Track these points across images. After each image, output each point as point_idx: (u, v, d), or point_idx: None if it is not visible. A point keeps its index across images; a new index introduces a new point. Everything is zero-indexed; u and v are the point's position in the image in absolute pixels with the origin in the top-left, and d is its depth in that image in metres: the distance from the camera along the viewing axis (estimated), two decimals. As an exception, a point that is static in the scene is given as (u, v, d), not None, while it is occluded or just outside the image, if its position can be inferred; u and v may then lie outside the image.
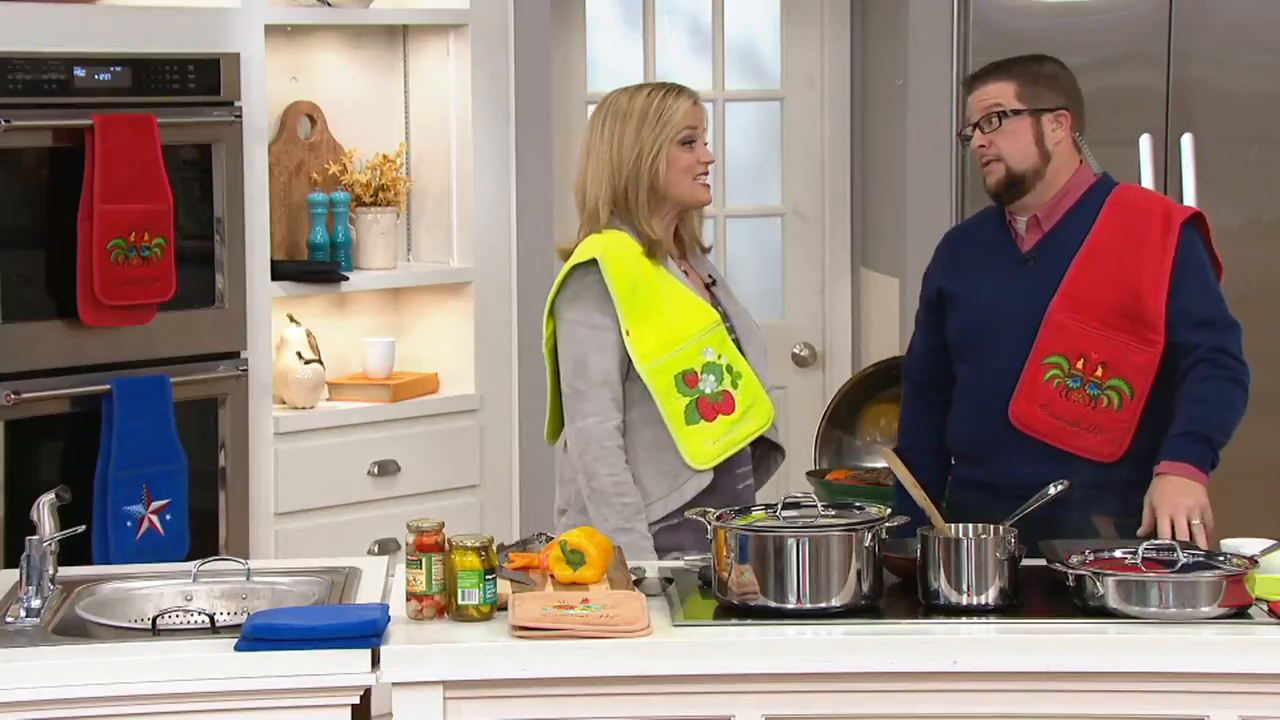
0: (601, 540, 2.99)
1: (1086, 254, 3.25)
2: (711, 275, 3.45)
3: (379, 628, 2.71)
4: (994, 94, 3.27)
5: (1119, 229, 3.26)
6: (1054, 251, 3.28)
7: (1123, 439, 3.22)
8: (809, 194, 5.06)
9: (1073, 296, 3.23)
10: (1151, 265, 3.22)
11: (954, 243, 3.44)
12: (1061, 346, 3.22)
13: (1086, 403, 3.21)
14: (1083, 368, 3.21)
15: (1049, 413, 3.22)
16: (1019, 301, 3.26)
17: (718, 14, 5.01)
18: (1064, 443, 3.22)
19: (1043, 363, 3.23)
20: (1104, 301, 3.22)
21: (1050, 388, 3.22)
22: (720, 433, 3.29)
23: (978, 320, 3.30)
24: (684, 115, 3.35)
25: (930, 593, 2.86)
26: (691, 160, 3.35)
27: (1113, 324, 3.21)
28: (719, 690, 2.71)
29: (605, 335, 3.27)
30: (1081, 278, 3.23)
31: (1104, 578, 2.79)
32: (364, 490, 4.34)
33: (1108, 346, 3.21)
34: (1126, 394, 3.21)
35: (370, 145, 4.53)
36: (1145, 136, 4.67)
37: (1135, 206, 3.29)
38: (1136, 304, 3.22)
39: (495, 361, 4.54)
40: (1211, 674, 2.69)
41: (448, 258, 4.55)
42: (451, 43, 4.49)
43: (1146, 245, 3.24)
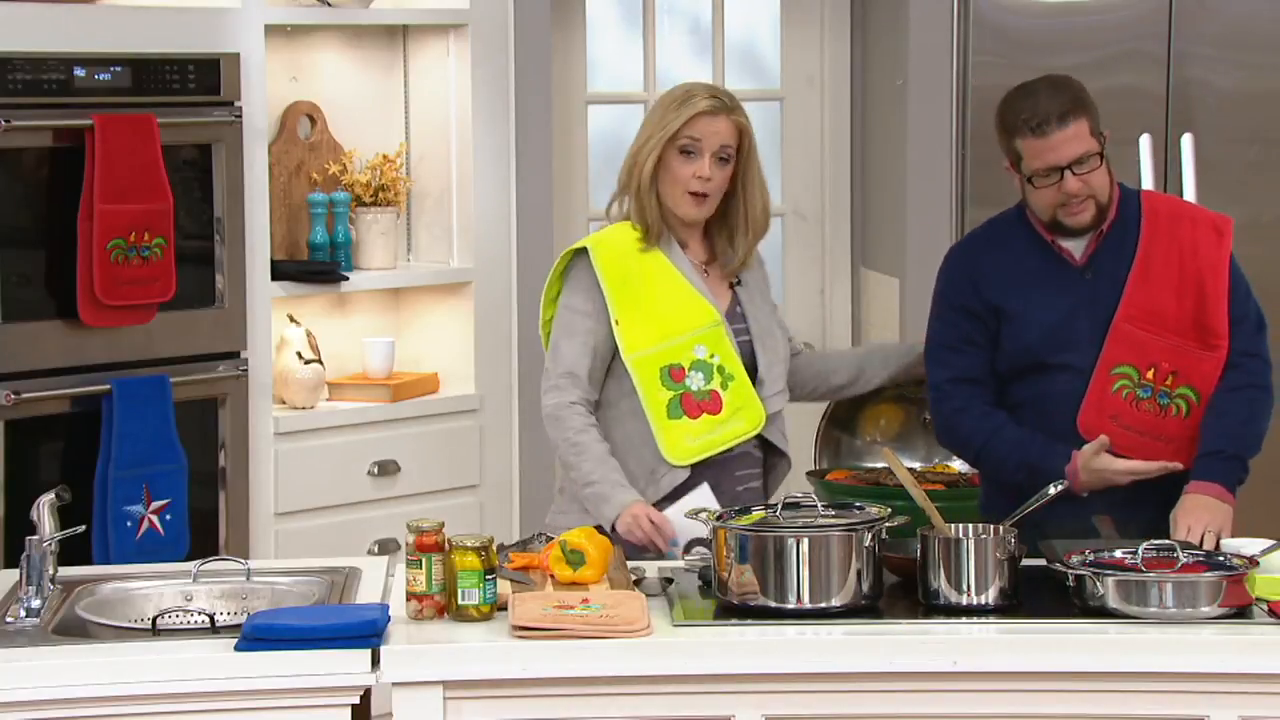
0: (601, 540, 2.99)
1: (1142, 265, 3.23)
2: (740, 276, 3.43)
3: (379, 628, 2.71)
4: (1077, 135, 3.17)
5: (1170, 239, 3.25)
6: (1108, 263, 3.25)
7: (1191, 446, 3.21)
8: (809, 194, 5.06)
9: (1139, 306, 3.21)
10: (1211, 273, 3.24)
11: (985, 258, 3.32)
12: (1130, 357, 3.21)
13: (1156, 412, 3.20)
14: (1153, 377, 3.20)
15: (1119, 424, 3.20)
16: (1085, 315, 3.24)
17: (718, 14, 5.01)
18: (1134, 453, 3.18)
19: (1110, 373, 3.20)
20: (1169, 311, 3.22)
21: (1120, 398, 3.20)
22: (702, 431, 3.29)
23: (1048, 337, 3.23)
24: (686, 124, 3.30)
25: (930, 593, 2.86)
26: (685, 173, 3.32)
27: (1180, 332, 3.21)
28: (719, 690, 2.72)
29: (581, 321, 3.30)
30: (1143, 288, 3.22)
31: (1104, 578, 2.79)
32: (364, 490, 4.33)
33: (1177, 355, 3.20)
34: (1194, 401, 3.21)
35: (370, 145, 4.53)
36: (1145, 136, 4.67)
37: (1178, 216, 3.29)
38: (1201, 312, 3.22)
39: (495, 361, 4.54)
40: (1211, 674, 2.69)
41: (447, 258, 4.55)
42: (451, 43, 4.49)
43: (1203, 253, 3.25)
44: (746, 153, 3.36)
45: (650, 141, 3.33)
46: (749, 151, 3.37)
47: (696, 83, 3.43)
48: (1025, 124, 3.19)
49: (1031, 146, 3.19)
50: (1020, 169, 3.23)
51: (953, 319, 3.31)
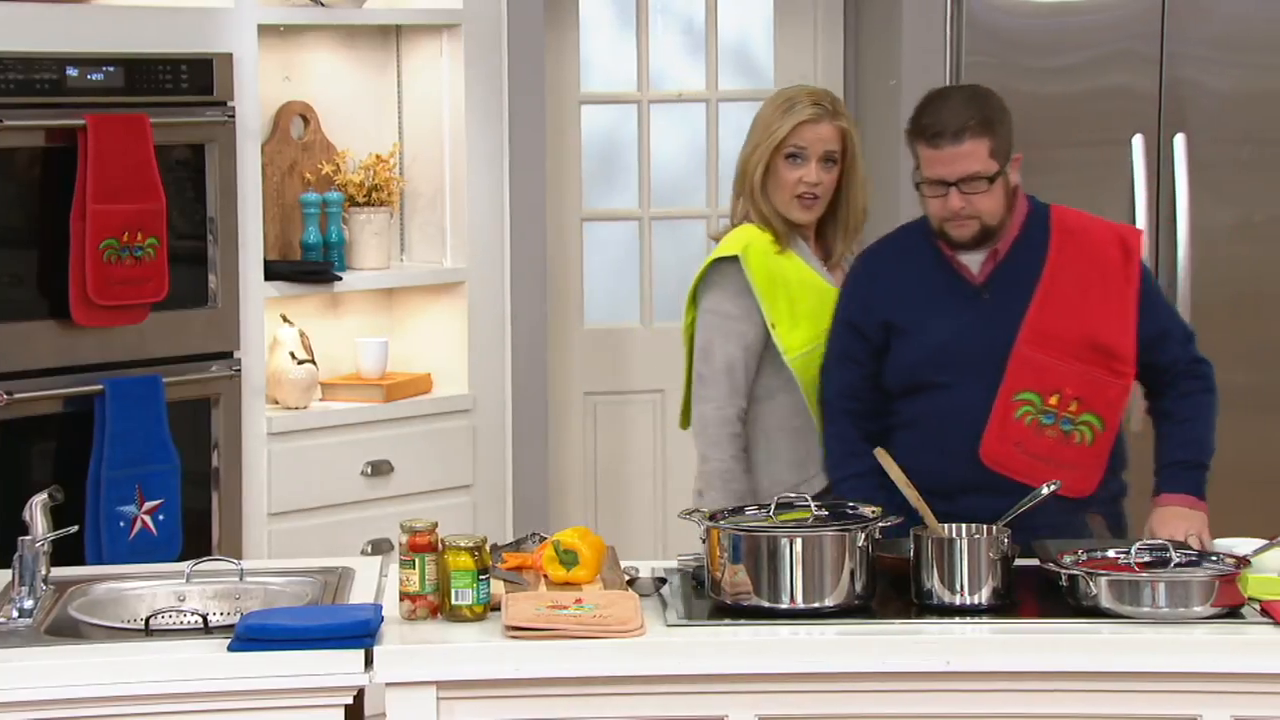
0: (595, 540, 2.99)
1: (1047, 287, 3.16)
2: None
3: (372, 628, 2.70)
4: (972, 154, 3.11)
5: (1077, 259, 3.18)
6: (1009, 283, 3.18)
7: (1094, 474, 3.16)
8: (802, 194, 5.06)
9: (1040, 331, 3.14)
10: (1117, 296, 3.17)
11: (883, 271, 3.28)
12: (1032, 383, 3.13)
13: (1060, 439, 3.13)
14: (1056, 404, 3.13)
15: (1023, 450, 3.13)
16: (980, 337, 3.17)
17: (711, 14, 5.01)
18: (1036, 480, 3.09)
19: (1013, 400, 3.13)
20: (1073, 336, 3.14)
21: (1023, 425, 3.13)
22: None
23: (937, 357, 3.17)
24: (792, 132, 3.35)
25: (923, 593, 2.86)
26: (792, 179, 3.36)
27: (1084, 358, 3.14)
28: (713, 690, 2.71)
29: (733, 325, 3.35)
30: (1046, 312, 3.15)
31: (1097, 578, 2.79)
32: (357, 490, 4.33)
33: (1081, 382, 3.13)
34: (1098, 428, 3.14)
35: (363, 145, 4.52)
36: (1138, 137, 4.68)
37: (1086, 233, 3.22)
38: (1107, 337, 3.15)
39: (488, 361, 4.54)
40: (1204, 674, 2.69)
41: (441, 258, 4.55)
42: (445, 43, 4.49)
43: (1109, 275, 3.18)
44: (851, 154, 3.40)
45: (758, 149, 3.38)
46: (854, 153, 3.40)
47: (800, 87, 3.46)
48: (924, 131, 3.14)
49: (925, 154, 3.15)
50: (918, 174, 3.18)
51: (840, 331, 3.29)
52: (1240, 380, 4.73)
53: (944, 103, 3.16)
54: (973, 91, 3.23)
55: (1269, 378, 4.70)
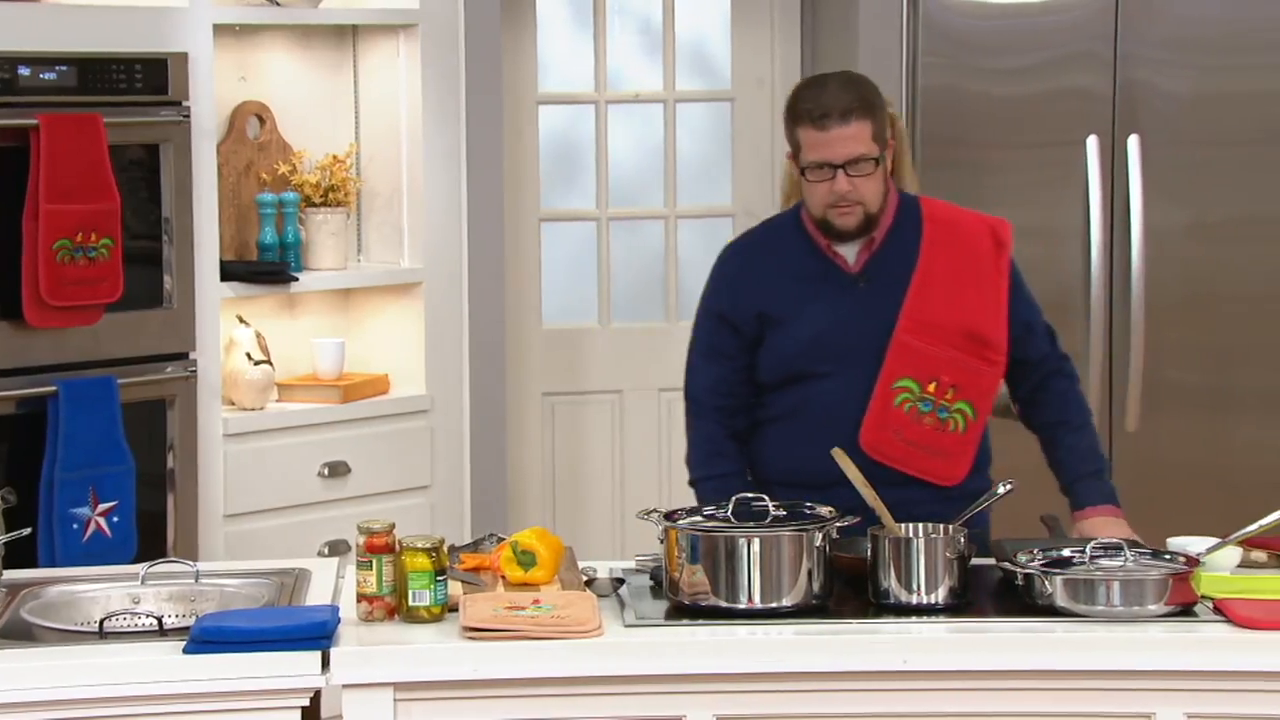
0: (553, 541, 2.99)
1: (923, 275, 3.16)
2: None
3: (329, 629, 2.69)
4: (857, 135, 3.08)
5: (950, 249, 3.18)
6: (884, 272, 3.17)
7: (964, 462, 3.17)
8: (759, 194, 5.07)
9: (917, 319, 3.14)
10: (990, 287, 3.18)
11: (755, 262, 3.23)
12: (911, 370, 3.13)
13: (936, 426, 3.14)
14: (934, 391, 3.13)
15: (901, 438, 3.13)
16: (856, 325, 3.16)
17: (668, 15, 5.01)
18: (911, 467, 3.12)
19: (892, 387, 3.13)
20: (949, 324, 3.14)
21: (901, 412, 3.13)
22: None
23: (814, 346, 3.16)
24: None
25: (880, 592, 2.86)
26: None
27: (959, 346, 3.14)
28: (670, 690, 2.72)
29: None
30: (922, 300, 3.15)
31: (1052, 577, 2.80)
32: (314, 491, 4.32)
33: (957, 370, 3.14)
34: (970, 416, 3.15)
35: (320, 145, 4.51)
36: (1092, 138, 4.71)
37: (958, 224, 3.22)
38: (980, 326, 3.16)
39: (446, 362, 4.53)
40: (1158, 671, 2.70)
41: (398, 258, 4.54)
42: (401, 43, 4.48)
43: (982, 266, 3.18)
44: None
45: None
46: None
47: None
48: (808, 114, 3.09)
49: (810, 138, 3.10)
50: (798, 160, 3.15)
51: (708, 325, 3.24)
52: (1193, 380, 4.77)
53: (824, 88, 3.14)
54: (849, 76, 3.21)
55: (1221, 378, 4.73)
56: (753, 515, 2.87)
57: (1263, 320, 4.75)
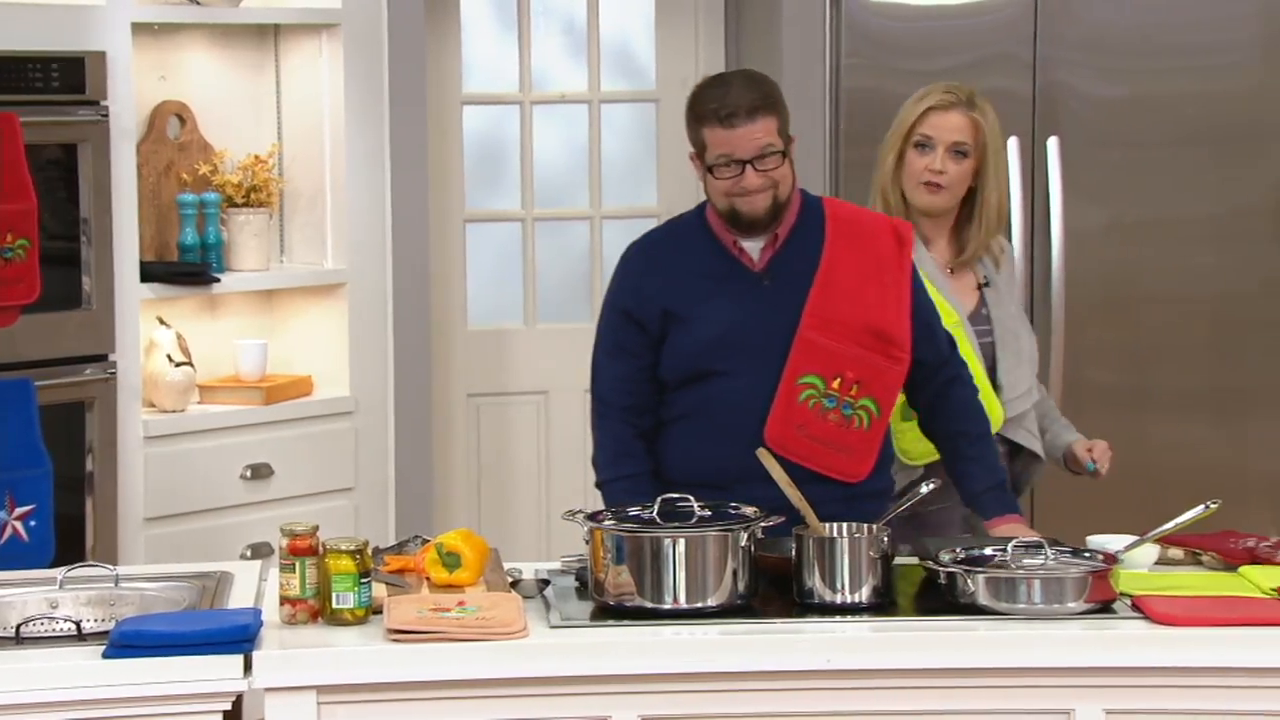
0: (478, 542, 2.98)
1: (826, 273, 3.17)
2: (987, 277, 3.47)
3: (251, 633, 2.67)
4: (763, 132, 3.09)
5: (853, 247, 3.20)
6: (788, 269, 3.18)
7: (868, 459, 3.18)
8: (685, 195, 5.07)
9: (821, 316, 3.15)
10: (893, 284, 3.20)
11: (660, 260, 3.22)
12: (816, 366, 3.14)
13: (840, 423, 3.15)
14: (839, 387, 3.14)
15: (805, 434, 3.13)
16: (761, 322, 3.15)
17: (593, 15, 5.02)
18: (816, 463, 3.13)
19: (797, 383, 3.13)
20: (853, 321, 3.16)
21: (806, 408, 3.13)
22: None
23: (718, 344, 3.14)
24: (919, 119, 3.42)
25: (805, 592, 2.88)
26: (919, 166, 3.40)
27: (864, 343, 3.16)
28: (596, 691, 2.72)
29: None
30: (826, 297, 3.16)
31: (974, 575, 2.83)
32: (236, 494, 4.28)
33: (861, 366, 3.15)
34: (874, 413, 3.16)
35: (241, 145, 4.47)
36: (1013, 139, 4.75)
37: (860, 223, 3.25)
38: (884, 323, 3.17)
39: (370, 363, 4.51)
40: (1077, 668, 2.73)
41: (321, 259, 4.51)
42: (324, 42, 4.45)
43: (885, 264, 3.21)
44: (984, 148, 3.42)
45: (891, 137, 3.44)
46: (986, 146, 3.42)
47: (940, 82, 3.50)
48: (714, 113, 3.10)
49: (717, 136, 3.10)
50: (704, 159, 3.15)
51: (616, 323, 3.22)
52: (1112, 380, 4.83)
53: (728, 86, 3.15)
54: (751, 74, 3.23)
55: (1140, 378, 4.79)
56: (678, 516, 2.88)
57: (1180, 320, 4.82)
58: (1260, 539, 3.11)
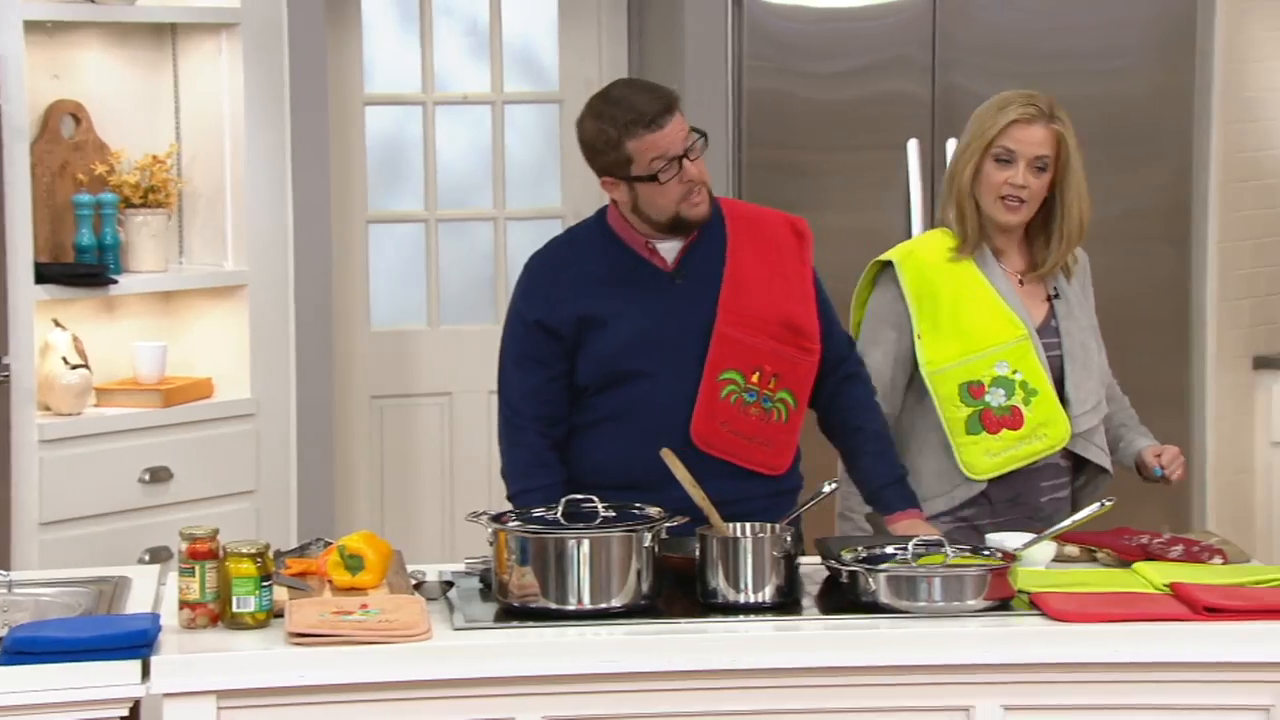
0: (381, 544, 2.96)
1: (734, 269, 3.19)
2: (1057, 289, 3.41)
3: (149, 638, 2.64)
4: (682, 124, 3.11)
5: (755, 242, 3.23)
6: (697, 268, 3.18)
7: (788, 451, 3.22)
8: (588, 196, 5.08)
9: (735, 311, 3.17)
10: (797, 278, 3.24)
11: (568, 267, 3.21)
12: (735, 361, 3.16)
13: (761, 416, 3.17)
14: (758, 381, 3.17)
15: (730, 429, 3.16)
16: (677, 321, 3.16)
17: (495, 16, 5.01)
18: (741, 458, 3.15)
19: (718, 379, 3.15)
20: (765, 315, 3.18)
21: (729, 404, 3.15)
22: (1001, 447, 3.29)
23: (635, 345, 3.15)
24: (1001, 132, 3.33)
25: (709, 592, 2.89)
26: (998, 180, 3.32)
27: (777, 336, 3.19)
28: (500, 693, 2.71)
29: (885, 332, 3.36)
30: (737, 293, 3.18)
31: (876, 574, 2.85)
32: (134, 498, 4.23)
33: (777, 359, 3.18)
34: (791, 405, 3.20)
35: (139, 145, 4.42)
36: (913, 141, 4.80)
37: (758, 220, 3.28)
38: (793, 315, 3.20)
39: (272, 365, 4.47)
40: (976, 665, 2.75)
41: (221, 260, 4.47)
42: (223, 42, 4.41)
43: (787, 257, 3.24)
44: (1065, 160, 3.34)
45: (969, 149, 3.37)
46: (1067, 159, 3.35)
47: (1017, 91, 3.41)
48: (636, 123, 3.08)
49: (646, 143, 3.09)
50: (631, 173, 3.12)
51: (526, 335, 3.20)
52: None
53: (637, 92, 3.15)
54: (635, 80, 3.29)
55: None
56: (582, 517, 2.88)
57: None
58: (1153, 536, 3.16)
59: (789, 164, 4.80)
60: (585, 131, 3.16)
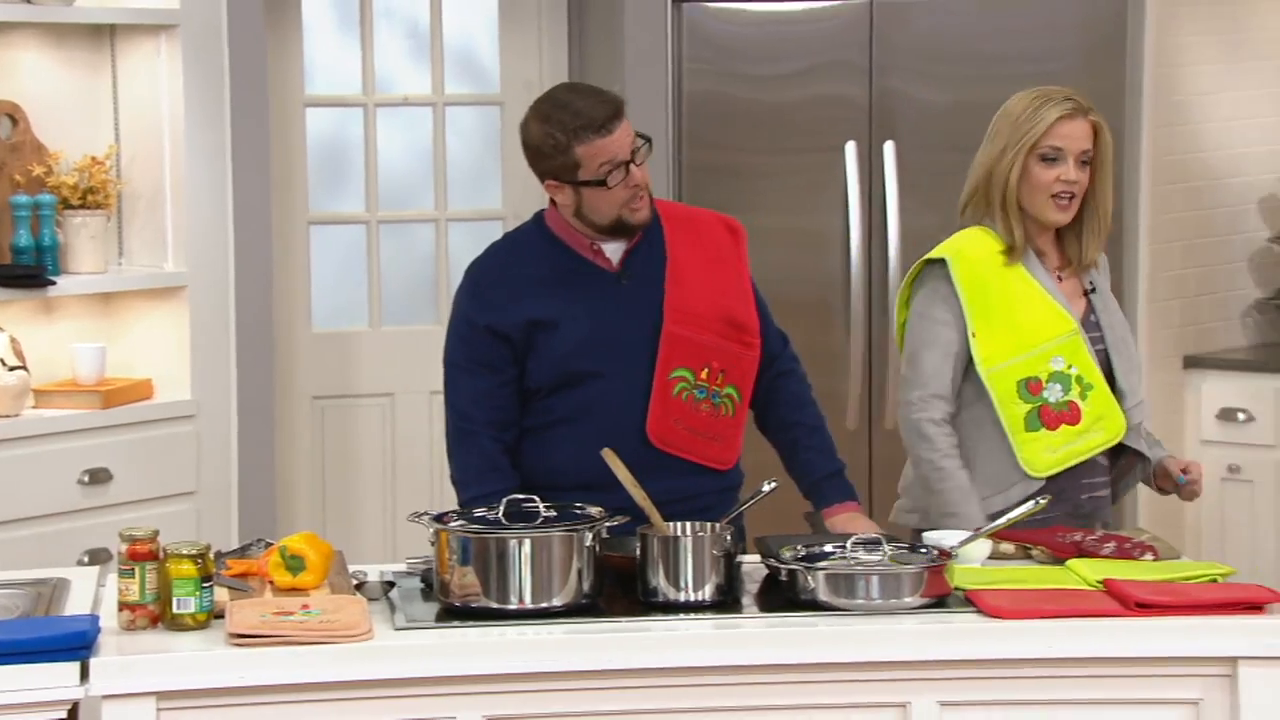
0: (322, 545, 2.97)
1: (675, 268, 3.22)
2: (1093, 283, 3.40)
3: (88, 639, 2.64)
4: (628, 129, 3.14)
5: (693, 241, 3.25)
6: (641, 268, 3.21)
7: (734, 446, 3.25)
8: (529, 197, 5.08)
9: (681, 309, 3.19)
10: (734, 274, 3.27)
11: (514, 271, 3.22)
12: (685, 359, 3.19)
13: (711, 412, 3.21)
14: (707, 377, 3.20)
15: (683, 426, 3.19)
16: (625, 321, 3.19)
17: (436, 18, 5.01)
18: (694, 454, 3.19)
19: (670, 377, 3.18)
20: (709, 312, 3.21)
21: (680, 401, 3.18)
22: (1061, 442, 3.28)
23: (586, 345, 3.17)
24: (1046, 129, 3.28)
25: (649, 591, 2.90)
26: (1048, 178, 3.27)
27: (721, 332, 3.22)
28: (441, 693, 2.72)
29: (941, 331, 3.31)
30: (681, 291, 3.21)
31: (814, 572, 2.88)
32: (74, 499, 4.21)
33: (723, 355, 3.21)
34: (737, 400, 3.24)
35: (78, 147, 4.40)
36: (851, 144, 4.84)
37: (694, 219, 3.31)
38: (734, 311, 3.24)
39: (212, 366, 4.45)
40: (912, 662, 2.78)
41: (161, 261, 4.45)
42: (163, 43, 4.39)
43: (724, 255, 3.27)
44: (1102, 152, 3.32)
45: (1009, 151, 3.30)
46: (1105, 150, 3.32)
47: (1048, 87, 3.37)
48: (585, 129, 3.10)
49: (595, 148, 3.11)
50: (578, 178, 3.14)
51: (474, 340, 3.20)
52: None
53: (585, 97, 3.17)
54: (580, 85, 3.27)
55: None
56: (524, 516, 2.89)
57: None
58: (1086, 533, 3.20)
59: (728, 166, 4.83)
60: (531, 135, 3.17)
